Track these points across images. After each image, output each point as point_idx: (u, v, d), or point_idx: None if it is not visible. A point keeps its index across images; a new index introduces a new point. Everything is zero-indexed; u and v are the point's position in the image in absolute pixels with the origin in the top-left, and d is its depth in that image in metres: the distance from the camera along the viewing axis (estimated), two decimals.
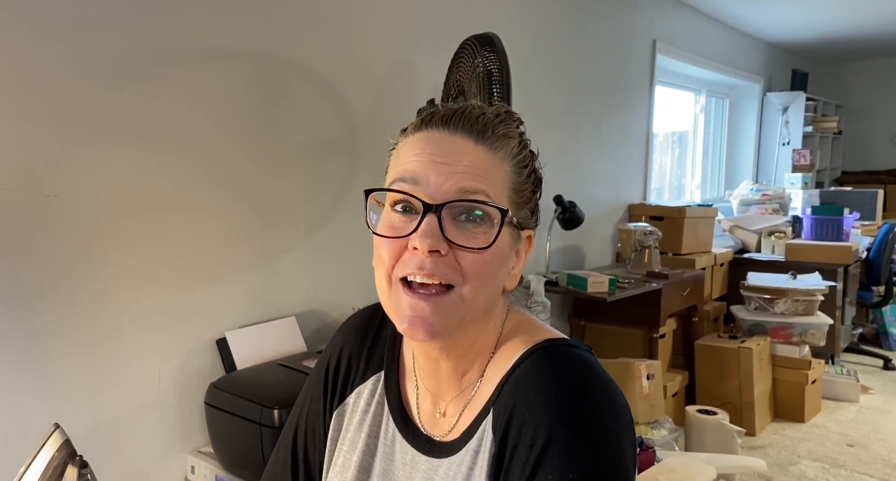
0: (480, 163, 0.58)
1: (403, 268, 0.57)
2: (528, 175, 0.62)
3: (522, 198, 0.62)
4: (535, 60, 2.64)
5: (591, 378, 0.57)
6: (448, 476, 0.60)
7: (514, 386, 0.58)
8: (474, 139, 0.59)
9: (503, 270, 0.61)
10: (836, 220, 3.73)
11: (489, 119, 0.60)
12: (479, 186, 0.57)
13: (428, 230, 0.55)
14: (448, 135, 0.59)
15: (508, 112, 0.63)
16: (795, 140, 4.96)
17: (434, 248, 0.55)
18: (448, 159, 0.57)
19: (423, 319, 0.56)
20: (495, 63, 1.59)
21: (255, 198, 1.65)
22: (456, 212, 0.57)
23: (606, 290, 2.42)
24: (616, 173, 3.31)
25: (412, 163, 0.58)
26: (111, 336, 1.39)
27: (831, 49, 5.28)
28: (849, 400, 3.26)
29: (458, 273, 0.57)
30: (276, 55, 1.68)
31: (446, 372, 0.64)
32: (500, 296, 0.64)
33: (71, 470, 0.67)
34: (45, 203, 1.27)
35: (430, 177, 0.57)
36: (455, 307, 0.57)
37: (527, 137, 0.65)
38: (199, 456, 1.52)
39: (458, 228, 0.57)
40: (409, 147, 0.60)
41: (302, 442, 0.73)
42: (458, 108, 0.61)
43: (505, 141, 0.60)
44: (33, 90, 1.25)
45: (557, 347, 0.60)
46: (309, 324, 1.78)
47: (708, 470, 1.79)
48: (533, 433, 0.54)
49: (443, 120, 0.60)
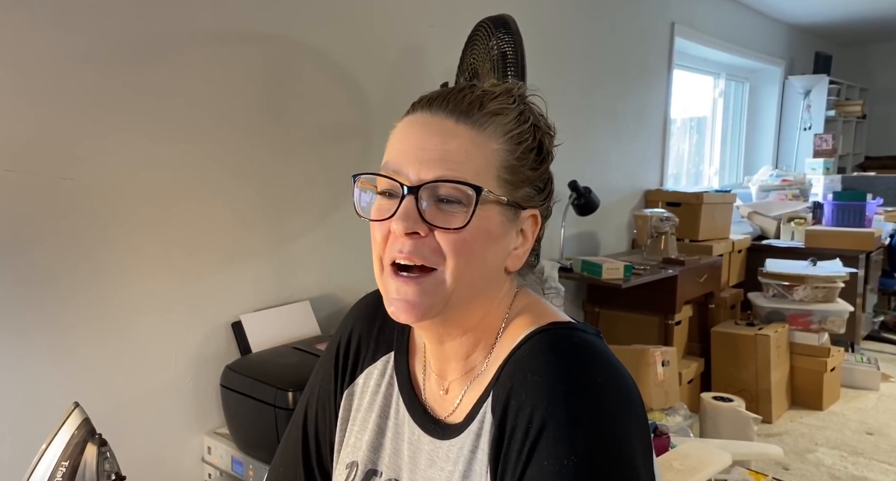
0: (461, 145, 0.57)
1: (390, 251, 0.58)
2: (526, 151, 0.60)
3: (519, 176, 0.59)
4: (551, 43, 2.61)
5: (594, 360, 0.55)
6: (449, 458, 0.60)
7: (513, 368, 0.57)
8: (455, 119, 0.58)
9: (494, 250, 0.59)
10: (858, 206, 3.65)
11: (476, 97, 0.59)
12: (455, 171, 0.56)
13: (404, 213, 0.56)
14: (430, 117, 0.59)
15: (508, 89, 0.61)
16: (817, 124, 4.86)
17: (410, 230, 0.56)
18: (425, 144, 0.57)
19: (406, 302, 0.58)
20: (510, 45, 1.57)
21: (268, 184, 1.66)
22: (435, 194, 0.57)
23: (621, 277, 2.40)
24: (632, 158, 3.27)
25: (395, 151, 0.59)
26: (127, 319, 1.41)
27: (856, 30, 5.14)
28: (868, 388, 3.21)
29: (439, 254, 0.57)
30: (289, 39, 1.67)
31: (451, 352, 0.64)
32: (505, 277, 0.63)
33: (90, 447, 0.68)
34: (62, 186, 1.29)
35: (411, 163, 0.57)
36: (437, 288, 0.57)
37: (535, 112, 0.62)
38: (215, 437, 1.54)
39: (438, 210, 0.57)
40: (396, 132, 0.61)
41: (313, 421, 0.73)
42: (446, 90, 0.60)
43: (494, 118, 0.58)
44: (50, 74, 1.26)
45: (561, 329, 0.58)
46: (323, 309, 1.79)
47: (723, 457, 1.78)
48: (529, 416, 0.53)
49: (428, 102, 0.60)
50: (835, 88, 5.03)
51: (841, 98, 5.18)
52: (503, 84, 0.62)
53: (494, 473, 0.56)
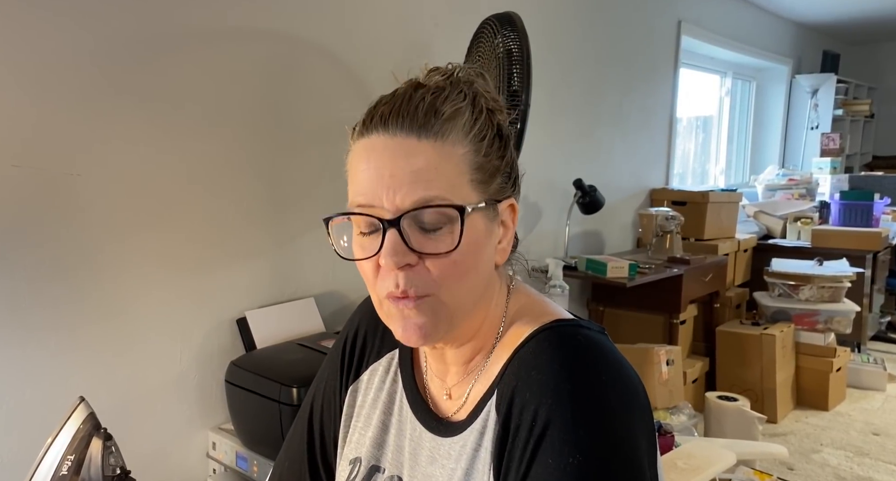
0: (430, 160, 0.54)
1: (384, 285, 0.56)
2: (489, 143, 0.58)
3: (489, 170, 0.58)
4: (557, 41, 2.60)
5: (599, 358, 0.55)
6: (451, 455, 0.60)
7: (517, 366, 0.57)
8: (417, 135, 0.54)
9: (483, 256, 0.58)
10: (865, 206, 3.63)
11: (429, 104, 0.55)
12: (431, 193, 0.54)
13: (391, 247, 0.54)
14: (389, 139, 0.55)
15: (452, 80, 0.58)
16: (825, 123, 4.83)
17: (402, 264, 0.54)
18: (393, 169, 0.54)
19: (414, 323, 0.57)
20: (515, 43, 1.56)
21: (274, 180, 1.66)
22: (417, 220, 0.55)
23: (626, 275, 2.39)
24: (638, 157, 3.25)
25: (362, 183, 0.56)
26: (133, 314, 1.41)
27: (864, 29, 5.11)
28: (875, 388, 3.20)
29: (432, 280, 0.55)
30: (294, 35, 1.67)
31: (451, 358, 0.64)
32: (494, 275, 0.62)
33: (96, 442, 0.69)
34: (69, 181, 1.29)
35: (381, 194, 0.54)
36: (439, 309, 0.57)
37: (483, 93, 0.59)
38: (220, 432, 1.55)
39: (423, 235, 0.55)
40: (356, 158, 0.57)
41: (318, 417, 0.74)
42: (395, 101, 0.56)
43: (453, 122, 0.55)
44: (56, 70, 1.26)
45: (565, 327, 0.58)
46: (327, 306, 1.79)
47: (727, 456, 1.77)
48: (533, 414, 0.53)
49: (381, 120, 0.56)
50: (842, 87, 4.99)
51: (849, 97, 5.15)
52: (444, 72, 0.59)
53: (498, 471, 0.56)
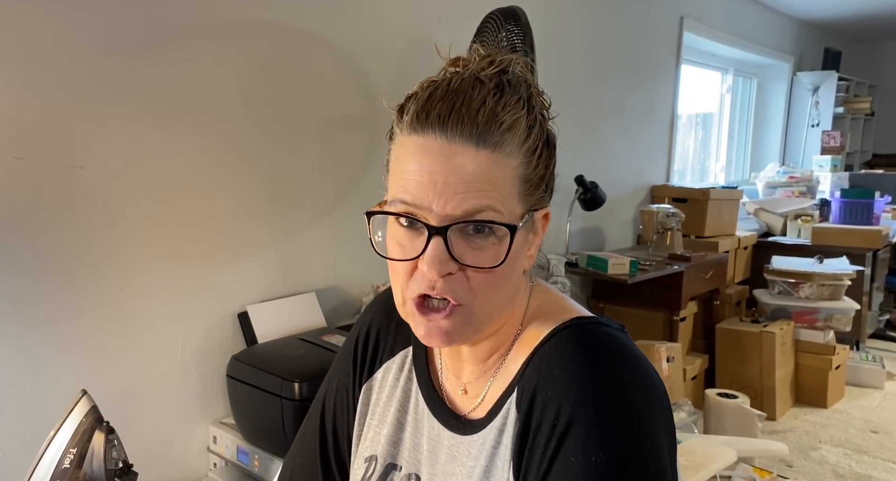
0: (484, 171, 0.53)
1: (417, 285, 0.55)
2: (539, 154, 0.56)
3: (534, 182, 0.57)
4: (560, 36, 2.59)
5: (621, 356, 0.55)
6: (470, 453, 0.60)
7: (538, 364, 0.57)
8: (475, 143, 0.53)
9: (517, 266, 0.58)
10: (866, 204, 3.63)
11: (490, 109, 0.53)
12: (483, 202, 0.53)
13: (434, 255, 0.53)
14: (447, 144, 0.53)
15: (510, 81, 0.55)
16: (825, 121, 4.82)
17: (444, 273, 0.54)
18: (447, 177, 0.53)
19: (438, 328, 0.56)
20: (519, 37, 1.56)
21: (275, 175, 1.65)
22: (463, 229, 0.54)
23: (627, 272, 2.39)
24: (639, 154, 3.25)
25: (411, 182, 0.54)
26: (135, 308, 1.41)
27: (866, 26, 5.10)
28: (874, 386, 3.20)
29: (468, 290, 0.55)
30: (296, 29, 1.66)
31: (468, 356, 0.63)
32: (522, 280, 0.62)
33: (98, 435, 0.68)
34: (72, 174, 1.29)
35: (432, 199, 0.53)
36: (469, 318, 0.56)
37: (536, 98, 0.57)
38: (221, 426, 1.54)
39: (466, 243, 0.54)
40: (407, 155, 0.55)
41: (331, 415, 0.73)
42: (453, 98, 0.53)
43: (511, 133, 0.54)
44: (58, 63, 1.25)
45: (586, 325, 0.58)
46: (329, 301, 1.79)
47: (727, 453, 1.78)
48: (556, 412, 0.53)
49: (439, 121, 0.53)
50: (843, 85, 4.99)
51: (850, 95, 5.14)
52: (499, 64, 0.56)
53: (518, 469, 0.55)
